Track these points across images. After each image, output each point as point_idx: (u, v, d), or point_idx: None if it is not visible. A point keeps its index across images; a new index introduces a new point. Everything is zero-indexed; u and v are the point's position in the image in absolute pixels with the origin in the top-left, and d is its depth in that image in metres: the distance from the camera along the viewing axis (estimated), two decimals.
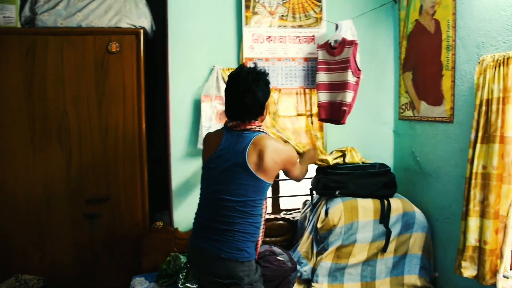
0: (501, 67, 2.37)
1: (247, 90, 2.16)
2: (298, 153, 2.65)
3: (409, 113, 3.41)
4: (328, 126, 3.48)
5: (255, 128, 2.22)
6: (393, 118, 3.69)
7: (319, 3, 3.39)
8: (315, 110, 3.40)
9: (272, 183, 2.24)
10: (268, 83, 2.29)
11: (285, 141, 3.14)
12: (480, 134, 2.48)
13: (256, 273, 2.18)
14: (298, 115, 3.42)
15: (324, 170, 3.26)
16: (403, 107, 3.50)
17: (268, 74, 2.30)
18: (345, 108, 3.02)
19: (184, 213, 3.34)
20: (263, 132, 2.24)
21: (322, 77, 3.20)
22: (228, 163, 2.16)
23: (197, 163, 3.28)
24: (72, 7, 3.17)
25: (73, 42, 3.17)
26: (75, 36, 3.17)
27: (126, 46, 3.26)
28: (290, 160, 2.29)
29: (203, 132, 3.19)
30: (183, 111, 3.31)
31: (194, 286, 2.86)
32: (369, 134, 3.66)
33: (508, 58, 2.34)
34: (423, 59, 3.21)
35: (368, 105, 3.61)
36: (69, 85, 3.17)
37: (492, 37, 2.55)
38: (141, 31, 3.27)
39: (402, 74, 3.50)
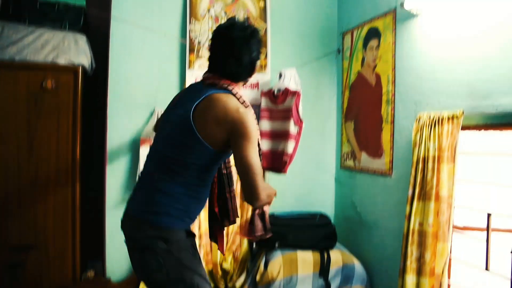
0: (437, 126, 2.43)
1: (242, 45, 1.86)
2: None
3: (350, 162, 3.43)
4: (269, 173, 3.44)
5: (223, 84, 1.87)
6: (335, 166, 3.71)
7: (264, 50, 3.39)
8: None
9: (216, 150, 1.81)
10: (261, 42, 1.96)
11: None
12: (417, 191, 2.51)
13: (182, 242, 1.85)
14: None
15: None
16: (345, 156, 3.52)
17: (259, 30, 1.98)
18: (286, 158, 2.99)
19: (118, 262, 3.16)
20: (228, 91, 1.87)
21: (265, 125, 3.18)
22: (176, 115, 1.88)
23: None
24: (5, 39, 2.99)
25: (4, 77, 2.97)
26: (7, 71, 2.98)
27: (63, 83, 3.10)
28: (239, 126, 1.74)
29: None
30: (121, 154, 3.18)
31: None
32: (311, 181, 3.65)
33: (442, 119, 2.40)
34: (364, 110, 3.25)
35: (310, 152, 3.61)
36: None
37: (428, 95, 2.62)
38: (80, 69, 3.13)
39: (344, 123, 3.54)
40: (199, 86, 1.91)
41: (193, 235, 1.96)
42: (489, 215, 2.35)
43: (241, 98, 1.87)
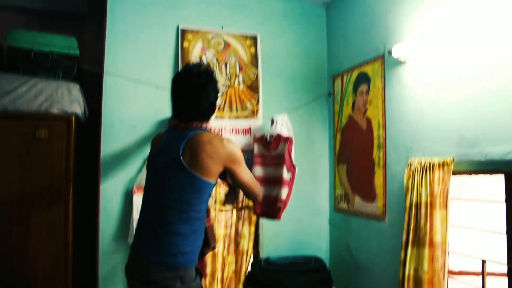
0: (428, 172, 2.45)
1: (199, 93, 2.05)
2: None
3: (344, 205, 3.44)
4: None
5: (196, 126, 2.08)
6: (328, 209, 3.71)
7: (255, 95, 3.44)
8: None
9: (213, 182, 2.06)
10: (216, 84, 2.15)
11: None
12: (411, 237, 2.51)
13: (194, 281, 2.00)
14: (233, 207, 3.36)
15: (259, 266, 3.16)
16: (338, 198, 3.53)
17: (214, 72, 2.17)
18: (280, 205, 3.00)
19: None
20: (204, 130, 2.09)
21: (258, 171, 3.19)
22: (164, 161, 2.05)
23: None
24: None
25: None
26: None
27: (56, 133, 3.11)
28: (231, 157, 2.05)
29: (134, 226, 3.04)
30: (114, 202, 3.16)
31: None
32: (305, 224, 3.64)
33: (433, 165, 2.42)
34: (356, 154, 3.28)
35: (304, 194, 3.62)
36: None
37: (418, 141, 2.65)
38: (73, 117, 3.15)
39: (337, 166, 3.56)
40: (176, 132, 2.10)
41: (201, 275, 2.10)
42: (483, 261, 2.36)
43: (215, 131, 2.19)
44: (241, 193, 2.41)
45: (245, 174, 2.13)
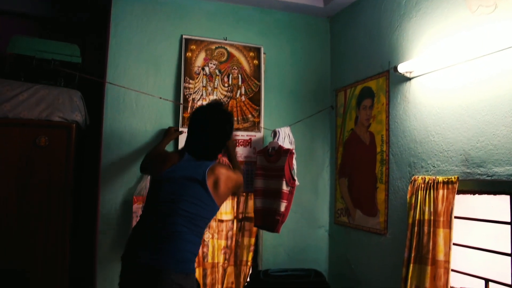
0: (431, 190, 2.44)
1: (214, 131, 2.38)
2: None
3: (344, 219, 3.42)
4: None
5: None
6: (328, 222, 3.69)
7: (257, 107, 3.42)
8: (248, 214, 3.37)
9: (219, 208, 2.36)
10: (232, 125, 2.51)
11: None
12: (413, 254, 2.50)
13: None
14: (234, 217, 3.34)
15: (258, 278, 3.13)
16: (339, 212, 3.51)
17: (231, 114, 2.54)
18: (278, 217, 2.98)
19: None
20: (216, 161, 2.44)
21: (259, 183, 3.17)
22: (186, 177, 2.25)
23: None
24: (0, 96, 2.99)
25: None
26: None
27: (56, 140, 3.10)
28: (238, 185, 2.49)
29: None
30: (113, 211, 3.13)
31: None
32: (305, 237, 3.62)
33: (437, 183, 2.41)
34: (358, 168, 3.27)
35: (303, 207, 3.60)
36: None
37: (422, 159, 2.64)
38: (74, 126, 3.13)
39: (338, 179, 3.54)
40: (193, 161, 2.34)
41: (199, 286, 2.44)
42: (487, 281, 2.34)
43: (223, 161, 2.84)
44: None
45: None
